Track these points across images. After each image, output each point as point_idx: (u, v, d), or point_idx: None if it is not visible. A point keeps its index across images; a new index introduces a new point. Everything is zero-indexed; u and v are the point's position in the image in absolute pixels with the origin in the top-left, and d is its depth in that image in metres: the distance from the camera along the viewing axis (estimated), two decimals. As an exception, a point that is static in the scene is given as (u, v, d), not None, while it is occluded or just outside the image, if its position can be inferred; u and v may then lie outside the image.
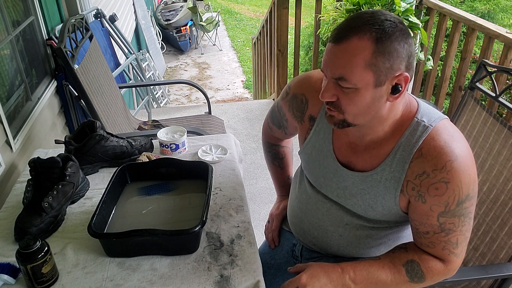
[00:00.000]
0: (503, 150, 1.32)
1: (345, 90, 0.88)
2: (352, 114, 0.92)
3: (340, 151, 1.06)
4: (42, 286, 1.00)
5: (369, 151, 1.00)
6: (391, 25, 0.84)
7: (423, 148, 0.92)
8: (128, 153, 1.46)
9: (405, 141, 0.95)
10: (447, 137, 0.91)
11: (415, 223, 1.00)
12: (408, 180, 0.95)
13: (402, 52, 0.85)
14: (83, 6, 2.82)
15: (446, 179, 0.89)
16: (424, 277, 1.00)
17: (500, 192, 1.31)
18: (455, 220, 0.94)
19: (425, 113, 0.96)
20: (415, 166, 0.93)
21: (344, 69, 0.86)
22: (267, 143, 1.42)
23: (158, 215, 1.21)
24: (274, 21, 3.32)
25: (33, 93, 2.06)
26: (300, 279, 1.01)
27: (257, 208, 2.47)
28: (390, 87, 0.88)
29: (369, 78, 0.85)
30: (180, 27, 7.88)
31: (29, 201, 1.19)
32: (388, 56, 0.84)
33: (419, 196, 0.94)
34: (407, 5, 2.73)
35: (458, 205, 0.92)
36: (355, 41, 0.84)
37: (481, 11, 5.34)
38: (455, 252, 0.99)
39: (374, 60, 0.84)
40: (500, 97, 1.41)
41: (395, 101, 0.91)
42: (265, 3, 11.25)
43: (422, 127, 0.93)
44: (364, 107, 0.90)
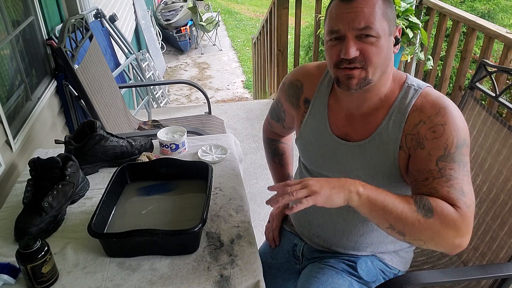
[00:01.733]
0: (503, 150, 1.32)
1: (367, 40, 0.94)
2: (374, 67, 0.96)
3: (337, 126, 1.10)
4: (42, 286, 1.00)
5: (364, 119, 1.05)
6: None
7: (418, 104, 0.99)
8: (128, 153, 1.46)
9: (398, 103, 1.01)
10: (438, 94, 1.00)
11: (414, 174, 0.97)
12: (406, 134, 0.99)
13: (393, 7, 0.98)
14: (83, 6, 2.82)
15: (443, 122, 0.95)
16: (432, 211, 0.90)
17: (500, 192, 1.31)
18: (455, 166, 0.93)
19: (414, 80, 1.04)
20: (411, 119, 0.98)
21: (369, 18, 0.92)
22: (267, 139, 1.44)
23: (158, 215, 1.21)
24: (274, 21, 3.32)
25: (33, 93, 2.06)
26: (304, 179, 0.94)
27: (257, 208, 2.47)
28: (393, 38, 0.98)
29: (385, 26, 0.95)
30: (180, 27, 7.88)
31: (29, 201, 1.19)
32: (391, 6, 0.96)
33: (418, 144, 0.97)
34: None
35: (457, 148, 0.93)
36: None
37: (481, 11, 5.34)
38: (464, 200, 0.91)
39: (386, 11, 0.95)
40: (500, 97, 1.41)
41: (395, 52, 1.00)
42: (265, 3, 11.25)
43: (413, 90, 1.01)
44: (382, 58, 0.96)
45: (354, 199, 0.92)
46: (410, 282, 1.07)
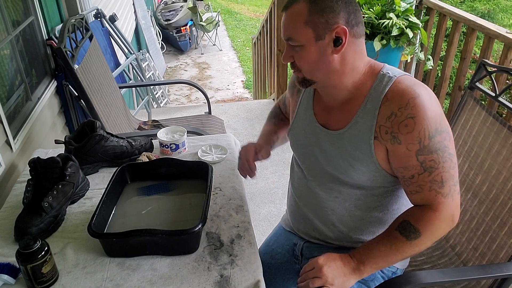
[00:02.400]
0: (502, 150, 1.32)
1: (296, 49, 1.01)
2: (306, 71, 1.03)
3: (319, 115, 1.15)
4: (42, 286, 1.00)
5: (341, 109, 1.09)
6: None
7: (389, 94, 1.00)
8: (128, 153, 1.46)
9: (373, 91, 1.03)
10: (409, 82, 1.00)
11: (400, 170, 1.03)
12: (380, 125, 1.01)
13: (335, 7, 0.97)
14: (83, 6, 2.82)
15: (412, 114, 0.96)
16: (419, 231, 1.01)
17: (499, 192, 1.31)
18: (434, 157, 0.97)
19: (390, 68, 1.05)
20: (384, 110, 1.00)
21: (289, 31, 1.01)
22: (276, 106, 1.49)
23: (158, 215, 1.21)
24: (274, 21, 3.32)
25: (33, 93, 2.06)
26: (317, 260, 1.05)
27: (257, 208, 2.47)
28: (332, 40, 0.98)
29: (309, 34, 0.98)
30: (180, 27, 7.88)
31: (29, 201, 1.19)
32: (322, 12, 0.97)
33: (394, 138, 0.99)
34: (407, 5, 2.73)
35: (430, 139, 0.96)
36: (295, 6, 0.99)
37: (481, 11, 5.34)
38: (442, 191, 1.00)
39: (310, 18, 0.97)
40: (500, 97, 1.41)
41: (343, 54, 1.00)
42: (265, 3, 11.25)
43: (387, 78, 1.02)
44: (313, 62, 1.01)
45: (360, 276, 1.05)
46: (410, 282, 1.07)
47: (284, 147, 3.29)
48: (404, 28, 2.64)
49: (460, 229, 1.43)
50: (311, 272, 1.05)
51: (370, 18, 2.70)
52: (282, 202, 2.50)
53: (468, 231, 1.40)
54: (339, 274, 1.04)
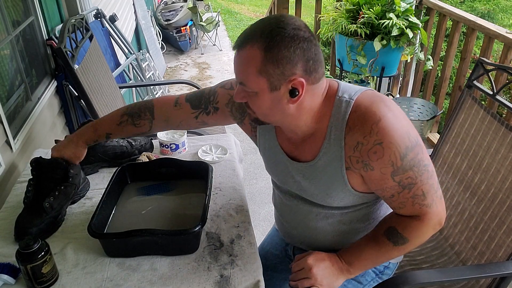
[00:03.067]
0: (500, 148, 1.32)
1: (249, 93, 0.94)
2: (260, 115, 0.98)
3: (285, 147, 1.09)
4: (42, 286, 1.00)
5: (306, 143, 1.04)
6: (280, 32, 0.87)
7: (350, 122, 0.95)
8: (128, 153, 1.46)
9: (334, 121, 0.97)
10: (367, 104, 0.94)
11: (379, 192, 1.01)
12: (349, 156, 0.97)
13: (293, 57, 0.88)
14: (83, 6, 2.82)
15: (378, 140, 0.91)
16: (406, 238, 1.03)
17: (498, 191, 1.31)
18: (410, 174, 0.95)
19: (345, 90, 0.98)
20: (349, 141, 0.96)
21: (241, 75, 0.93)
22: (148, 103, 1.22)
23: (158, 215, 1.21)
24: (274, 21, 3.32)
25: (33, 93, 2.06)
26: (306, 261, 1.06)
27: (257, 208, 2.47)
28: (288, 90, 0.91)
29: (263, 84, 0.90)
30: (180, 27, 7.87)
31: (30, 201, 1.19)
32: (277, 63, 0.88)
33: (366, 166, 0.96)
34: (407, 5, 2.74)
35: (402, 159, 0.92)
36: (247, 50, 0.89)
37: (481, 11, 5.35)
38: (425, 203, 0.99)
39: (264, 68, 0.88)
40: (498, 95, 1.41)
41: (299, 103, 0.93)
42: (265, 3, 11.25)
43: (345, 103, 0.96)
44: (267, 109, 0.95)
45: (348, 276, 1.08)
46: (408, 282, 1.07)
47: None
48: (404, 28, 2.64)
49: (459, 228, 1.43)
50: (300, 272, 1.06)
51: (370, 18, 2.70)
52: (282, 202, 2.50)
53: (467, 230, 1.40)
54: (328, 274, 1.05)
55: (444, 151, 1.56)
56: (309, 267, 1.05)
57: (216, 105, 1.17)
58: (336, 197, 1.04)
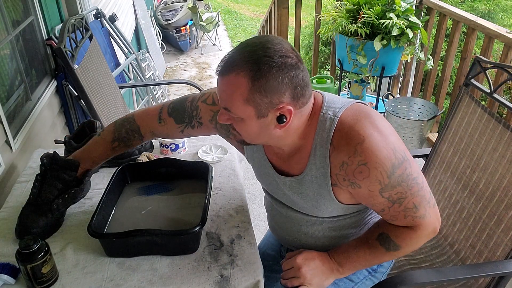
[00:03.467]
0: (498, 147, 1.32)
1: (234, 118, 0.92)
2: (246, 138, 0.97)
3: (274, 161, 1.09)
4: (42, 286, 1.00)
5: (293, 158, 1.03)
6: (267, 61, 0.84)
7: (334, 141, 0.94)
8: (128, 153, 1.46)
9: (319, 138, 0.96)
10: (351, 122, 0.92)
11: (369, 206, 1.02)
12: (336, 174, 0.96)
13: (280, 87, 0.86)
14: (83, 6, 2.82)
15: (363, 161, 0.90)
16: (398, 245, 1.03)
17: (496, 189, 1.31)
18: (399, 189, 0.93)
19: (330, 106, 0.96)
20: (334, 160, 0.95)
21: (227, 102, 0.90)
22: (130, 119, 1.20)
23: (158, 215, 1.21)
24: (274, 21, 3.32)
25: (33, 93, 2.06)
26: (295, 260, 1.06)
27: (257, 208, 2.47)
28: (276, 117, 0.90)
29: (250, 111, 0.89)
30: (180, 27, 7.87)
31: (35, 198, 1.16)
32: (265, 92, 0.86)
33: (353, 184, 0.95)
34: (407, 5, 2.73)
35: (389, 177, 0.91)
36: (233, 77, 0.86)
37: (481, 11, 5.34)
38: (418, 215, 0.99)
39: (251, 97, 0.86)
40: (496, 93, 1.41)
41: (285, 128, 0.92)
42: (265, 3, 11.25)
43: (329, 120, 0.94)
44: (254, 134, 0.94)
45: (339, 276, 1.08)
46: (406, 282, 1.07)
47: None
48: (404, 28, 2.64)
49: (458, 227, 1.43)
50: (290, 271, 1.07)
51: (370, 18, 2.70)
52: (282, 202, 2.50)
53: (466, 228, 1.40)
54: (318, 273, 1.05)
55: (443, 149, 1.56)
56: (298, 267, 1.05)
57: (199, 120, 1.15)
58: (324, 209, 1.04)
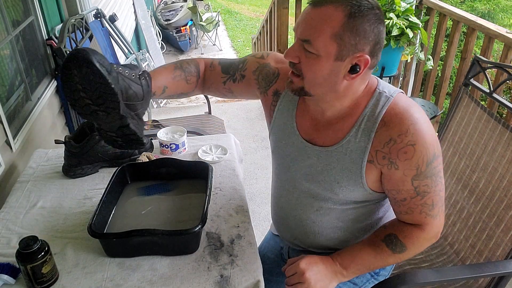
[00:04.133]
0: (497, 147, 1.32)
1: (308, 54, 0.90)
2: (309, 82, 0.94)
3: (303, 128, 1.07)
4: (42, 286, 1.00)
5: (331, 126, 1.02)
6: (368, 5, 0.87)
7: (386, 117, 0.95)
8: (128, 153, 1.46)
9: (369, 111, 0.97)
10: (405, 105, 0.96)
11: (392, 193, 1.02)
12: (376, 150, 0.97)
13: (370, 34, 0.88)
14: (83, 6, 2.82)
15: (412, 142, 0.92)
16: (405, 246, 1.04)
17: (495, 189, 1.31)
18: (428, 182, 0.97)
19: (385, 86, 1.00)
20: (381, 135, 0.96)
21: (311, 32, 0.88)
22: (196, 65, 1.18)
23: (158, 215, 1.21)
24: (274, 21, 3.32)
25: (33, 93, 2.06)
26: (298, 265, 1.05)
27: (257, 208, 2.47)
28: (350, 65, 0.90)
29: (332, 49, 0.88)
30: (180, 27, 7.88)
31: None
32: (356, 33, 0.86)
33: (391, 163, 0.96)
34: (407, 5, 2.73)
35: (428, 165, 0.94)
36: (330, 9, 0.86)
37: (481, 11, 5.34)
38: (431, 213, 1.01)
39: (341, 33, 0.86)
40: (495, 93, 1.41)
41: (352, 81, 0.93)
42: (265, 3, 11.25)
43: (384, 97, 0.97)
44: (321, 77, 0.92)
45: (342, 279, 1.07)
46: (406, 282, 1.07)
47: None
48: (404, 28, 2.64)
49: (458, 227, 1.43)
50: (294, 277, 1.06)
51: (370, 18, 2.70)
52: (282, 202, 2.50)
53: (466, 228, 1.40)
54: (321, 277, 1.04)
55: (442, 149, 1.56)
56: (301, 272, 1.04)
57: (243, 73, 1.15)
58: (345, 188, 1.03)
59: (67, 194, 1.33)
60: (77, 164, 1.40)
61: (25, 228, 1.19)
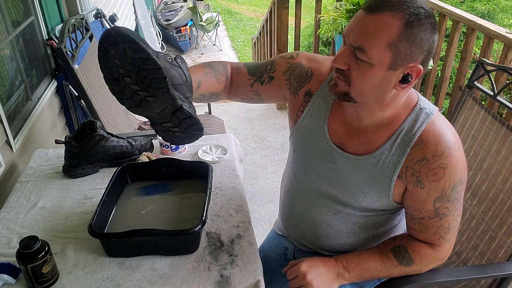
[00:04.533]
0: (501, 149, 1.32)
1: (359, 62, 0.87)
2: (357, 90, 0.91)
3: (334, 132, 1.04)
4: (42, 286, 1.00)
5: (366, 135, 1.00)
6: (425, 14, 0.84)
7: (424, 135, 0.94)
8: (128, 153, 1.46)
9: (408, 125, 0.96)
10: (443, 126, 0.96)
11: (411, 209, 1.02)
12: (407, 166, 0.96)
13: (425, 44, 0.85)
14: (83, 6, 2.82)
15: (444, 165, 0.93)
16: (413, 260, 1.03)
17: (499, 191, 1.31)
18: (449, 205, 0.97)
19: (425, 102, 0.99)
20: (416, 152, 0.95)
21: (365, 40, 0.84)
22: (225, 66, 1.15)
23: (158, 215, 1.21)
24: (274, 21, 3.32)
25: (33, 93, 2.06)
26: (299, 268, 1.05)
27: (257, 208, 2.47)
28: (401, 75, 0.88)
29: (386, 58, 0.85)
30: (180, 27, 7.88)
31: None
32: (412, 43, 0.84)
33: (418, 182, 0.96)
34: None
35: (452, 189, 0.95)
36: (387, 17, 0.83)
37: (481, 11, 5.34)
38: (446, 237, 1.01)
39: (397, 42, 0.83)
40: (499, 96, 1.41)
41: (400, 91, 0.91)
42: (265, 3, 11.25)
43: (424, 114, 0.96)
44: (370, 86, 0.89)
45: (343, 282, 1.06)
46: (409, 282, 1.07)
47: (285, 147, 3.26)
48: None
49: (460, 229, 1.43)
50: (295, 280, 1.05)
51: (370, 18, 2.70)
52: (282, 202, 2.50)
53: (468, 230, 1.40)
54: (323, 280, 1.04)
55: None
56: (303, 275, 1.03)
57: (271, 74, 1.11)
58: (369, 198, 1.02)
59: (68, 194, 1.34)
60: (77, 164, 1.40)
61: (26, 228, 1.19)
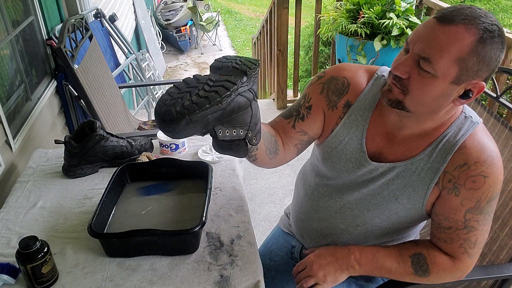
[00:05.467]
0: (504, 151, 1.32)
1: (422, 72, 0.84)
2: (414, 100, 0.88)
3: (374, 141, 1.02)
4: (42, 286, 1.00)
5: (407, 144, 0.98)
6: (498, 31, 0.81)
7: (468, 141, 0.92)
8: (128, 153, 1.46)
9: (451, 132, 0.94)
10: (488, 136, 0.94)
11: (439, 217, 0.98)
12: (446, 172, 0.94)
13: (493, 62, 0.83)
14: (83, 6, 2.82)
15: (486, 173, 0.90)
16: (429, 272, 1.00)
17: (501, 193, 1.31)
18: (480, 218, 0.94)
19: (471, 111, 0.97)
20: (457, 157, 0.93)
21: (434, 52, 0.82)
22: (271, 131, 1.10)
23: (158, 215, 1.21)
24: (274, 21, 3.32)
25: (33, 93, 2.06)
26: (308, 258, 1.05)
27: (257, 208, 2.47)
28: (463, 90, 0.86)
29: (452, 72, 0.83)
30: (180, 27, 7.88)
31: None
32: (481, 60, 0.82)
33: (454, 189, 0.93)
34: (407, 5, 2.74)
35: (488, 202, 0.92)
36: (461, 30, 0.80)
37: (481, 11, 5.34)
38: (470, 252, 0.98)
39: (466, 57, 0.81)
40: (501, 97, 1.41)
41: (455, 106, 0.90)
42: (265, 3, 11.25)
43: (470, 122, 0.94)
44: (429, 98, 0.87)
45: (353, 273, 1.04)
46: (410, 283, 1.07)
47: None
48: (404, 28, 2.64)
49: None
50: (304, 272, 1.05)
51: (370, 18, 2.70)
52: (282, 202, 2.50)
53: (469, 231, 1.40)
54: (331, 270, 1.03)
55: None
56: (311, 265, 1.03)
57: (308, 104, 1.07)
58: (401, 205, 1.00)
59: (67, 194, 1.33)
60: (77, 164, 1.40)
61: (25, 228, 1.19)
